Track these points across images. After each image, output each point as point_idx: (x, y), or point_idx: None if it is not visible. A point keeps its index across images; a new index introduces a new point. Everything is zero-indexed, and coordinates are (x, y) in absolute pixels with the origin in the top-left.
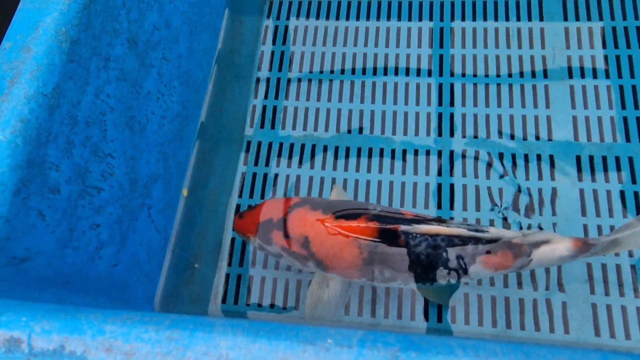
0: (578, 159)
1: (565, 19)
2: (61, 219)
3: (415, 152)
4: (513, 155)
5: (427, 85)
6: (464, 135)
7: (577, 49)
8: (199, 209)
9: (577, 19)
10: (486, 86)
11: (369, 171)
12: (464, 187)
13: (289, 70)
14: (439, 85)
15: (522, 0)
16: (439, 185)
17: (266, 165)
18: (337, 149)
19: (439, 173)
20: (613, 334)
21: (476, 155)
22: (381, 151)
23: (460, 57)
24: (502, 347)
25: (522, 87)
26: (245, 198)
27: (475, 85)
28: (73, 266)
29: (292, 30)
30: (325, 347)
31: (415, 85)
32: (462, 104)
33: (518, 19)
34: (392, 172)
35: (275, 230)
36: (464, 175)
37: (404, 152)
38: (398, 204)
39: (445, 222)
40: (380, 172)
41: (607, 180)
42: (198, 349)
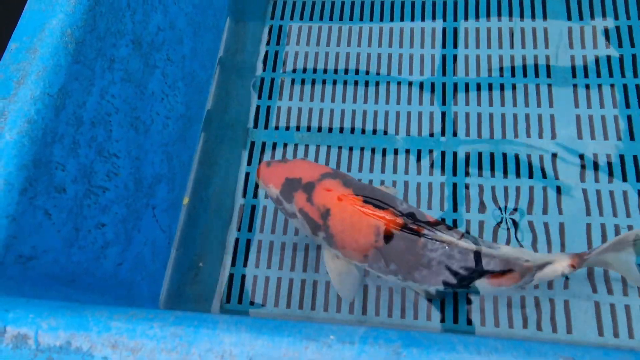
0: (582, 158)
1: (569, 18)
2: (67, 218)
3: (419, 152)
4: (516, 155)
5: (430, 85)
6: (467, 134)
7: (581, 49)
8: (203, 209)
9: (580, 18)
10: (489, 86)
11: (371, 171)
12: (466, 187)
13: (292, 70)
14: (442, 84)
15: (526, 0)
16: (442, 184)
17: None
18: (340, 149)
19: (442, 172)
20: (617, 334)
21: (479, 155)
22: (384, 151)
23: (464, 57)
24: (504, 344)
25: (525, 87)
26: (249, 198)
27: (478, 85)
28: (79, 265)
29: (296, 31)
30: (328, 344)
31: (418, 85)
32: (466, 103)
33: (522, 18)
34: (395, 172)
35: (300, 190)
36: (467, 174)
37: (407, 151)
38: None
39: (464, 235)
40: (383, 172)
41: (610, 179)
42: (202, 346)
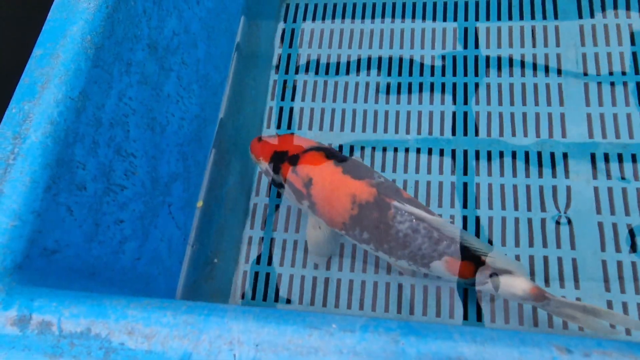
0: (592, 157)
1: (580, 16)
2: (87, 214)
3: (429, 152)
4: (526, 153)
5: (441, 85)
6: (477, 134)
7: (593, 46)
8: (218, 207)
9: (592, 16)
10: (499, 86)
11: (383, 170)
12: (477, 185)
13: (305, 72)
14: (453, 84)
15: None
16: (452, 183)
17: None
18: (352, 148)
19: (452, 172)
20: (629, 331)
21: (489, 154)
22: (395, 150)
23: (474, 57)
24: (499, 333)
25: (535, 86)
26: (263, 197)
27: (488, 85)
28: (99, 259)
29: (309, 32)
30: (330, 332)
31: (429, 85)
32: (476, 103)
33: (532, 18)
34: (405, 171)
35: (286, 162)
36: (477, 174)
37: (418, 150)
38: None
39: (433, 214)
40: (394, 171)
41: (622, 177)
42: (212, 332)
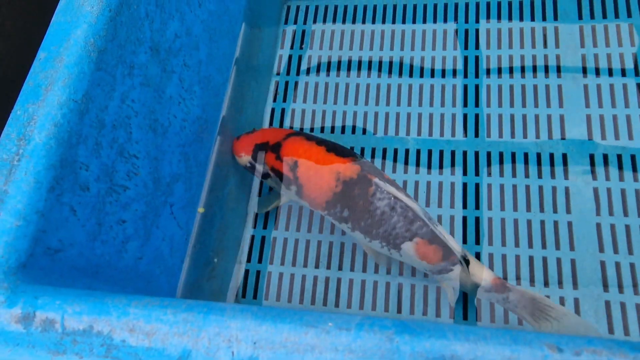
0: (592, 158)
1: (580, 17)
2: (90, 214)
3: (429, 153)
4: (525, 155)
5: (441, 87)
6: (476, 135)
7: (592, 47)
8: (219, 207)
9: (592, 17)
10: (499, 87)
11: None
12: (476, 186)
13: (306, 73)
14: (453, 86)
15: (537, 1)
16: (452, 184)
17: None
18: (352, 149)
19: (452, 172)
20: (627, 332)
21: (488, 155)
22: (395, 151)
23: (474, 58)
24: (492, 332)
25: (535, 87)
26: (264, 197)
27: (488, 87)
28: (102, 258)
29: (310, 34)
30: (326, 330)
31: (429, 87)
32: (476, 105)
33: (532, 19)
34: (405, 172)
35: (269, 151)
36: (476, 175)
37: (418, 152)
38: None
39: (411, 199)
40: (394, 171)
41: (621, 179)
42: (211, 330)
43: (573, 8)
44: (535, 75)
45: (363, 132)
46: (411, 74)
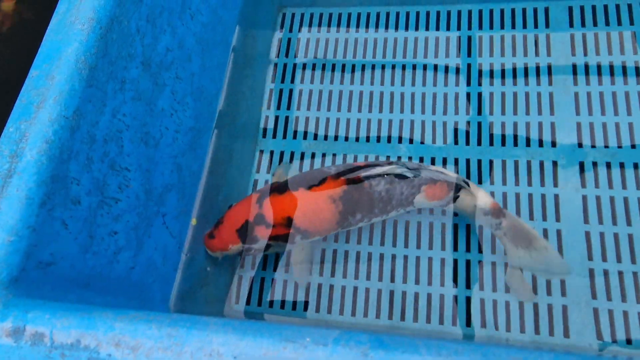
0: (581, 165)
1: (571, 26)
2: (82, 227)
3: (421, 160)
4: (516, 162)
5: (432, 95)
6: (467, 143)
7: (583, 56)
8: (213, 215)
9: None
10: (491, 95)
11: None
12: None
13: (300, 81)
14: (444, 94)
15: (529, 9)
16: None
17: None
18: (345, 156)
19: None
20: (615, 339)
21: (479, 162)
22: (387, 158)
23: (466, 66)
24: (463, 347)
25: (527, 94)
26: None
27: (480, 95)
28: (94, 269)
29: (304, 41)
30: (304, 345)
31: (420, 94)
32: (467, 113)
33: (524, 27)
34: None
35: (256, 227)
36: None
37: (410, 159)
38: None
39: (393, 163)
40: None
41: (610, 186)
42: (194, 344)
43: (564, 17)
44: (527, 83)
45: (356, 140)
46: (403, 81)
